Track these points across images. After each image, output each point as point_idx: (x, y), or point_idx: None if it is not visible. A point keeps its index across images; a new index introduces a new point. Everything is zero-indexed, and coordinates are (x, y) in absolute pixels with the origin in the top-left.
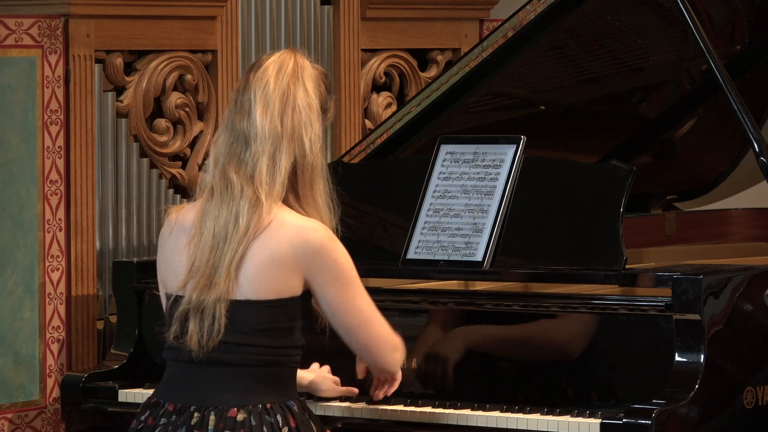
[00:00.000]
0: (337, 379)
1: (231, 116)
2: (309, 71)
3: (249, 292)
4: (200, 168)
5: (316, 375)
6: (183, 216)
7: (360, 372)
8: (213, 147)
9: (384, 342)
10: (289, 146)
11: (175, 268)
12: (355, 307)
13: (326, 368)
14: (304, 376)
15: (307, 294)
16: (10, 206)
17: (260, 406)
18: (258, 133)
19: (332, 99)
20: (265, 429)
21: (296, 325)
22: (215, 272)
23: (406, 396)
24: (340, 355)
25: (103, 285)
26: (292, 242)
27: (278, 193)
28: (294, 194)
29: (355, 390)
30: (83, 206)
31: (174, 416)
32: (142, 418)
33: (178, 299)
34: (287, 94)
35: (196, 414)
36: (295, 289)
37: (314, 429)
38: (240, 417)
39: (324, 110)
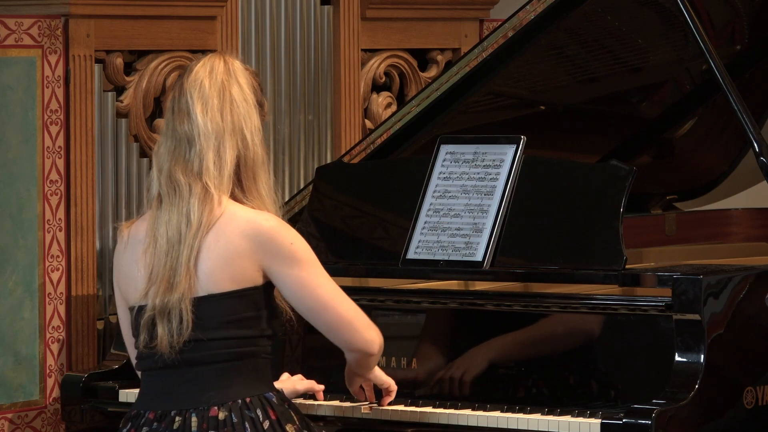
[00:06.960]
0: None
1: (170, 123)
2: (240, 67)
3: (210, 287)
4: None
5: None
6: (135, 229)
7: (355, 392)
8: (155, 158)
9: (356, 318)
10: (231, 140)
11: (134, 279)
12: (319, 286)
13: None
14: None
15: (269, 285)
16: (10, 206)
17: (240, 401)
18: (201, 131)
19: (264, 96)
20: (247, 425)
21: (262, 314)
22: (174, 273)
23: (406, 396)
24: (340, 354)
25: (103, 285)
26: (245, 233)
27: (226, 186)
28: (239, 188)
29: (318, 387)
30: (83, 206)
31: (155, 423)
32: (125, 430)
33: (141, 309)
34: (223, 90)
35: (177, 418)
36: (254, 278)
37: (294, 418)
38: (221, 415)
39: (260, 105)
